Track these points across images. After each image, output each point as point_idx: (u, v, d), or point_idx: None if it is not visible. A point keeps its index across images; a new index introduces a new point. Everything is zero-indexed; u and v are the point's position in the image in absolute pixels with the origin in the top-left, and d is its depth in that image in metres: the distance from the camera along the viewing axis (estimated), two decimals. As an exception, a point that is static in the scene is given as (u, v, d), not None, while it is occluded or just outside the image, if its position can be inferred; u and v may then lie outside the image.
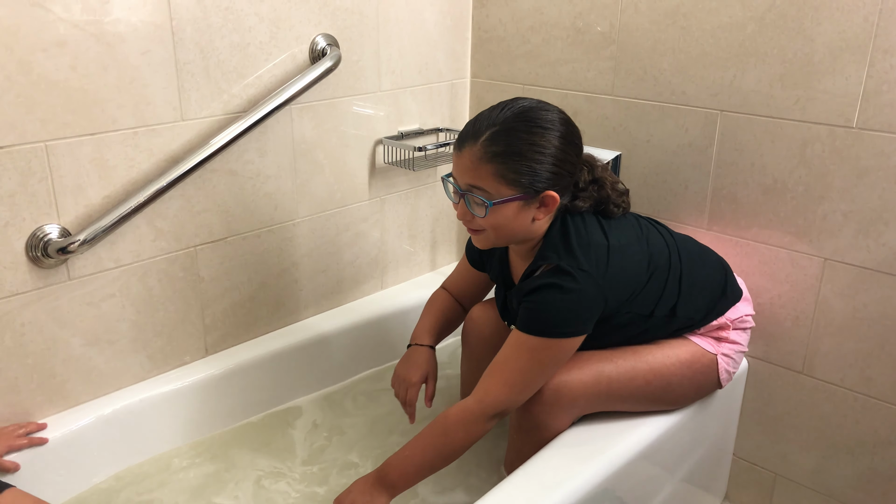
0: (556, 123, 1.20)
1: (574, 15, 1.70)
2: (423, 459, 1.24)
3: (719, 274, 1.40)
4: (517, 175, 1.17)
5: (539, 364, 1.22)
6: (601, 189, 1.29)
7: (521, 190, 1.18)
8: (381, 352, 1.87)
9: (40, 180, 1.25)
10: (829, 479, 1.56)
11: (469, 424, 1.23)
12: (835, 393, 1.50)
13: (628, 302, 1.26)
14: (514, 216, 1.21)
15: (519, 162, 1.17)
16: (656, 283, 1.29)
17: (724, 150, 1.53)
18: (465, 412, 1.23)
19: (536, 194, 1.19)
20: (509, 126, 1.18)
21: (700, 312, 1.34)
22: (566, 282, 1.18)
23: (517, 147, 1.17)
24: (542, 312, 1.20)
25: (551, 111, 1.22)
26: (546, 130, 1.18)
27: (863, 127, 1.34)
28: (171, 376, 1.52)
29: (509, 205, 1.19)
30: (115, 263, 1.38)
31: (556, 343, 1.20)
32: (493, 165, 1.17)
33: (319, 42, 1.58)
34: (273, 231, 1.63)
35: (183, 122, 1.40)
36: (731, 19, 1.45)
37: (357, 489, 1.25)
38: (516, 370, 1.22)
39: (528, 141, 1.17)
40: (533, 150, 1.17)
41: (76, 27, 1.23)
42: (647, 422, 1.34)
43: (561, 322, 1.19)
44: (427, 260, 2.06)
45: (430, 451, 1.24)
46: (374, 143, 1.79)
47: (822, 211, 1.43)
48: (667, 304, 1.30)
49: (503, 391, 1.22)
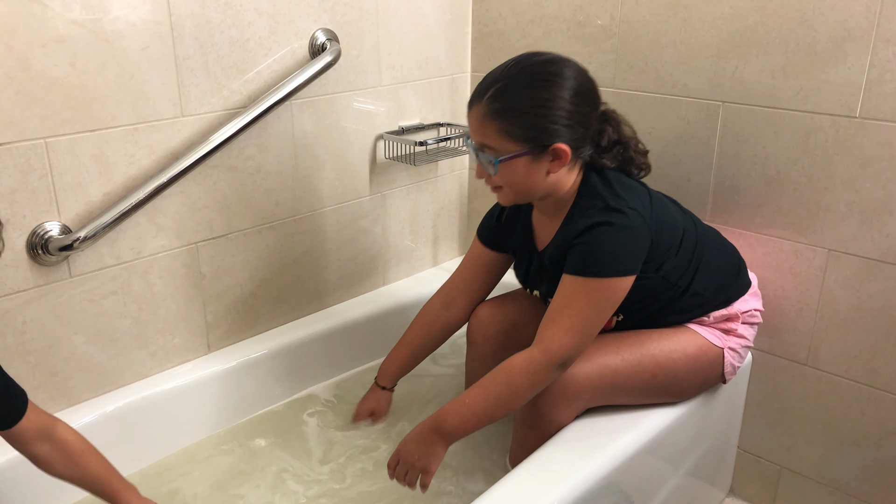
0: (563, 76, 1.18)
1: (574, 8, 1.69)
2: (485, 408, 1.22)
3: (735, 258, 1.40)
4: (521, 130, 1.17)
5: (597, 306, 1.20)
6: (626, 150, 1.29)
7: (528, 144, 1.18)
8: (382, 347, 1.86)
9: (40, 177, 1.25)
10: (835, 471, 1.55)
11: (535, 374, 1.21)
12: (840, 384, 1.50)
13: (666, 257, 1.26)
14: (525, 171, 1.20)
15: (520, 117, 1.17)
16: (685, 251, 1.29)
17: (727, 142, 1.52)
18: (530, 362, 1.21)
19: (545, 148, 1.18)
20: (511, 82, 1.18)
21: (710, 290, 1.33)
22: (617, 219, 1.18)
23: (518, 102, 1.17)
24: (596, 252, 1.19)
25: (558, 63, 1.20)
26: (549, 83, 1.17)
27: (866, 116, 1.34)
28: (174, 373, 1.52)
29: (518, 160, 1.19)
30: (116, 260, 1.38)
31: (612, 283, 1.19)
32: (496, 122, 1.17)
33: (319, 37, 1.57)
34: (274, 227, 1.63)
35: (183, 119, 1.40)
36: (733, 10, 1.45)
37: (413, 439, 1.26)
38: (575, 315, 1.20)
39: (530, 95, 1.17)
40: (535, 104, 1.16)
41: (75, 23, 1.22)
42: (651, 415, 1.34)
43: (615, 260, 1.18)
44: (429, 255, 2.06)
45: (492, 400, 1.22)
46: (375, 138, 1.78)
47: (825, 202, 1.42)
48: (687, 277, 1.30)
49: (567, 338, 1.20)
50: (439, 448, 1.24)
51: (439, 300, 1.54)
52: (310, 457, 1.51)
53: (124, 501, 1.13)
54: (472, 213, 2.11)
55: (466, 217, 2.12)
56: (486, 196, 2.05)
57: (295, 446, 1.54)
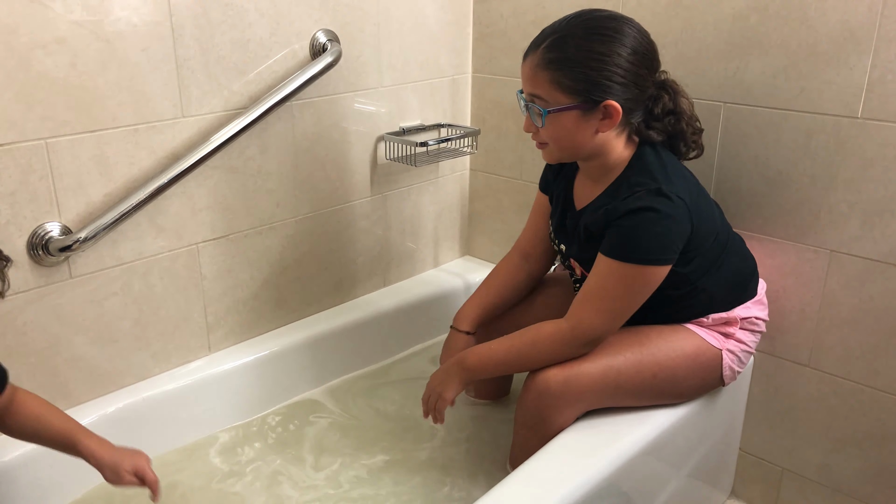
0: (622, 33, 1.17)
1: (576, 8, 1.67)
2: (505, 357, 1.30)
3: (750, 268, 1.40)
4: (573, 82, 1.16)
5: (631, 291, 1.21)
6: (678, 122, 1.27)
7: (579, 98, 1.17)
8: (383, 349, 1.87)
9: (41, 178, 1.25)
10: (837, 472, 1.55)
11: (558, 343, 1.25)
12: (842, 386, 1.49)
13: (694, 253, 1.25)
14: (573, 127, 1.20)
15: (574, 69, 1.16)
16: (709, 254, 1.29)
17: (728, 143, 1.52)
18: (558, 332, 1.25)
19: (595, 104, 1.17)
20: (568, 33, 1.17)
21: (720, 292, 1.32)
22: (664, 205, 1.17)
23: (573, 54, 1.16)
24: (639, 238, 1.18)
25: (620, 20, 1.19)
26: (608, 38, 1.16)
27: (868, 117, 1.33)
28: (175, 374, 1.52)
29: (567, 114, 1.18)
30: (116, 261, 1.38)
31: (650, 270, 1.19)
32: (548, 72, 1.17)
33: (320, 38, 1.57)
34: (275, 228, 1.63)
35: (184, 119, 1.40)
36: (734, 10, 1.44)
37: (440, 369, 1.38)
38: (609, 298, 1.21)
39: (586, 48, 1.16)
40: (590, 57, 1.15)
41: (76, 24, 1.22)
42: (652, 417, 1.33)
43: (657, 248, 1.18)
44: (430, 256, 2.06)
45: (513, 353, 1.29)
46: (376, 139, 1.78)
47: (827, 202, 1.42)
48: (705, 277, 1.29)
49: (597, 319, 1.22)
50: (458, 380, 1.33)
51: (517, 253, 1.54)
52: (307, 462, 1.51)
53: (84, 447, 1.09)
54: (473, 214, 2.11)
55: (468, 218, 2.12)
56: (487, 197, 2.04)
57: (294, 449, 1.54)
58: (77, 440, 1.09)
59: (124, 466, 1.09)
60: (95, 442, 1.10)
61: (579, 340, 1.24)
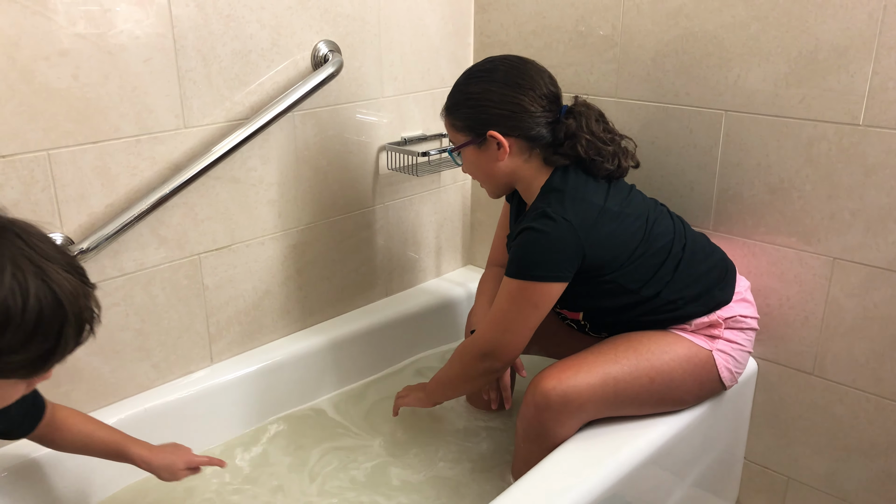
0: (496, 69, 1.32)
1: (576, 18, 1.69)
2: (445, 376, 1.43)
3: (718, 268, 1.39)
4: (462, 121, 1.34)
5: (517, 306, 1.27)
6: (575, 145, 1.30)
7: (468, 133, 1.33)
8: (387, 358, 1.86)
9: (43, 189, 1.25)
10: (843, 481, 1.54)
11: (464, 356, 1.38)
12: (847, 394, 1.48)
13: (611, 268, 1.28)
14: (476, 160, 1.36)
15: (459, 110, 1.34)
16: (648, 263, 1.31)
17: (730, 151, 1.52)
18: (463, 346, 1.39)
19: (482, 136, 1.31)
20: (456, 83, 1.36)
21: (685, 297, 1.33)
22: (544, 225, 1.24)
23: (457, 98, 1.35)
24: (520, 254, 1.27)
25: (495, 61, 1.34)
26: (480, 79, 1.32)
27: (870, 124, 1.33)
28: (177, 385, 1.51)
29: (467, 150, 1.36)
30: (118, 272, 1.38)
31: (530, 286, 1.25)
32: (447, 119, 1.38)
33: (321, 48, 1.58)
34: (276, 238, 1.63)
35: (185, 130, 1.40)
36: (734, 19, 1.45)
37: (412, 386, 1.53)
38: (499, 311, 1.29)
39: (465, 91, 1.34)
40: (468, 97, 1.33)
41: (78, 36, 1.23)
42: (655, 426, 1.32)
43: (534, 264, 1.24)
44: (432, 266, 2.05)
45: (445, 372, 1.43)
46: (378, 149, 1.78)
47: (829, 210, 1.42)
48: (655, 286, 1.32)
49: (488, 331, 1.32)
50: (416, 396, 1.50)
51: (494, 265, 1.62)
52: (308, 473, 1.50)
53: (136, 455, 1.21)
54: (475, 224, 2.11)
55: (469, 228, 2.12)
56: (489, 207, 2.04)
57: (295, 460, 1.53)
58: (126, 450, 1.21)
59: (178, 466, 1.23)
60: (144, 448, 1.22)
61: (476, 352, 1.33)
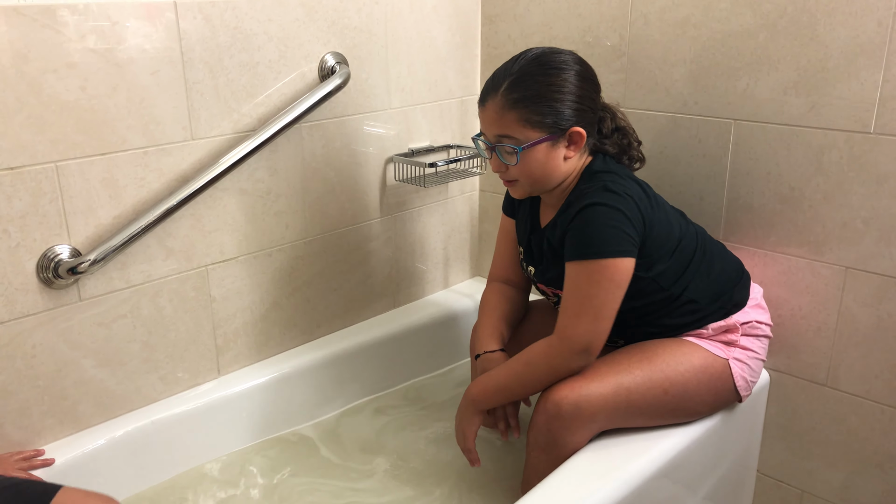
0: (570, 63, 1.26)
1: (583, 29, 1.69)
2: (505, 382, 1.31)
3: (735, 272, 1.39)
4: (541, 116, 1.23)
5: (601, 288, 1.21)
6: (624, 137, 1.35)
7: (548, 130, 1.24)
8: (395, 373, 1.85)
9: (51, 201, 1.25)
10: (858, 495, 1.51)
11: (554, 359, 1.26)
12: (861, 405, 1.46)
13: (659, 255, 1.27)
14: (545, 158, 1.26)
15: (540, 104, 1.23)
16: (681, 259, 1.31)
17: (739, 160, 1.51)
18: (550, 347, 1.26)
19: (563, 132, 1.25)
20: (525, 72, 1.24)
21: (705, 299, 1.33)
22: (611, 200, 1.22)
23: (536, 90, 1.23)
24: (590, 233, 1.21)
25: (563, 53, 1.28)
26: (561, 70, 1.25)
27: (881, 132, 1.32)
28: (184, 397, 1.51)
29: (539, 147, 1.25)
30: (125, 284, 1.38)
31: (610, 263, 1.20)
32: (516, 112, 1.23)
33: (328, 60, 1.58)
34: (284, 250, 1.62)
35: (193, 142, 1.40)
36: (743, 27, 1.44)
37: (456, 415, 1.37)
38: (584, 299, 1.22)
39: (546, 82, 1.23)
40: (551, 90, 1.23)
41: (86, 48, 1.24)
42: (667, 438, 1.31)
43: (611, 240, 1.20)
44: (440, 278, 2.05)
45: (511, 376, 1.30)
46: (385, 160, 1.78)
47: (841, 218, 1.40)
48: (682, 284, 1.31)
49: (580, 324, 1.23)
50: (470, 413, 1.34)
51: (495, 280, 1.55)
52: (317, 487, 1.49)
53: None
54: (483, 235, 2.10)
55: (477, 239, 2.11)
56: (497, 217, 2.03)
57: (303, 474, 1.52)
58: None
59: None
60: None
61: (571, 350, 1.24)
